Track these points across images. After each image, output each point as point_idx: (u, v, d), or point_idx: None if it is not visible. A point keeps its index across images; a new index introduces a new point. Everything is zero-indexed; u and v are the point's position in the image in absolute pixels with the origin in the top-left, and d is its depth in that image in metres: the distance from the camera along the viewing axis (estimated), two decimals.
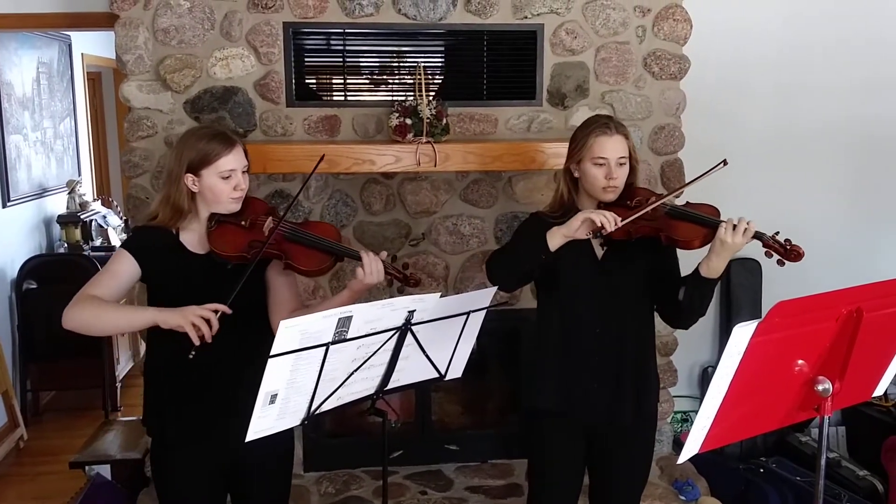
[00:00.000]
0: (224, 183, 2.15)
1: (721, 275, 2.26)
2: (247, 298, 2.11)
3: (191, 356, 1.97)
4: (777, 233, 2.21)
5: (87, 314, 2.08)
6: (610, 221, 2.19)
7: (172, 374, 2.19)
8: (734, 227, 2.17)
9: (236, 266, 2.15)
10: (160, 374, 2.25)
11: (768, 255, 2.23)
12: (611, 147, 2.33)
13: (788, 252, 2.18)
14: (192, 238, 2.22)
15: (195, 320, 1.98)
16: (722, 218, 2.26)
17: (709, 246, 2.24)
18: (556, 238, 2.27)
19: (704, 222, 2.26)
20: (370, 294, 3.42)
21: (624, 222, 2.22)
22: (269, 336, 2.26)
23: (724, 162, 2.36)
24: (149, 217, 2.25)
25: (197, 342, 1.98)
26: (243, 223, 2.20)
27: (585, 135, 2.36)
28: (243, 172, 2.19)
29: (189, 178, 2.15)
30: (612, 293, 2.38)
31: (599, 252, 2.39)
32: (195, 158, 2.13)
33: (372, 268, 2.11)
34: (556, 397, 2.43)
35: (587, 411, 2.42)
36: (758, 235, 2.19)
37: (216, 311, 2.01)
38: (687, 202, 2.44)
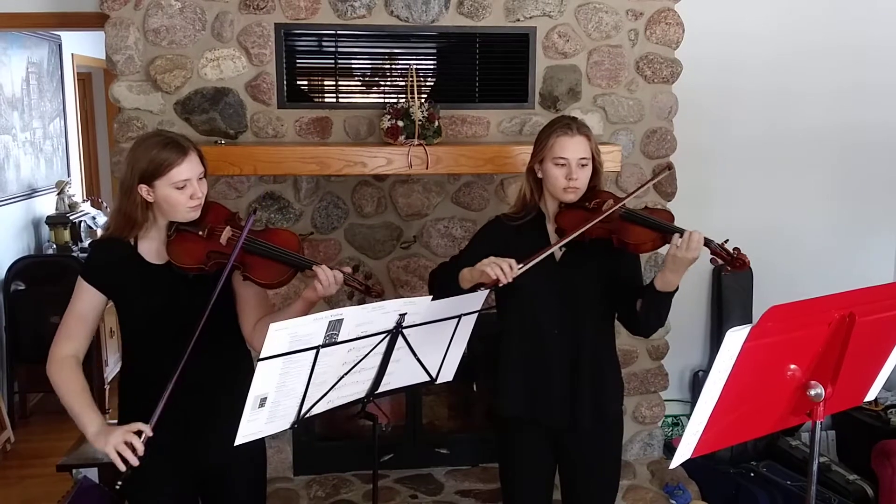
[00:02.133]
0: (179, 193, 2.07)
1: (677, 288, 2.24)
2: (214, 309, 2.06)
3: (117, 486, 1.96)
4: (726, 241, 2.20)
5: (55, 383, 2.14)
6: (506, 274, 2.16)
7: (146, 386, 2.13)
8: (689, 239, 2.13)
9: (197, 275, 2.10)
10: (134, 387, 2.22)
11: (713, 262, 2.24)
12: (571, 147, 2.32)
13: (734, 260, 2.18)
14: (151, 248, 2.16)
15: (119, 447, 1.95)
16: (681, 227, 2.25)
17: (664, 255, 2.24)
18: (466, 282, 2.28)
19: (656, 227, 2.27)
20: (328, 302, 3.39)
21: (528, 266, 2.21)
22: (239, 345, 2.27)
23: (669, 167, 2.38)
24: (104, 227, 2.22)
25: (122, 468, 1.95)
26: (201, 233, 2.13)
27: (547, 135, 2.36)
28: (199, 179, 2.11)
29: (143, 189, 2.07)
30: (570, 294, 2.37)
31: (558, 254, 2.39)
32: (147, 169, 2.05)
33: (329, 280, 2.05)
34: (519, 403, 2.42)
35: (549, 415, 2.41)
36: (706, 242, 2.17)
37: (139, 432, 1.96)
38: (645, 207, 2.44)
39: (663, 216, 2.33)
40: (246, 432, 1.83)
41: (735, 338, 1.55)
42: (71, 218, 5.44)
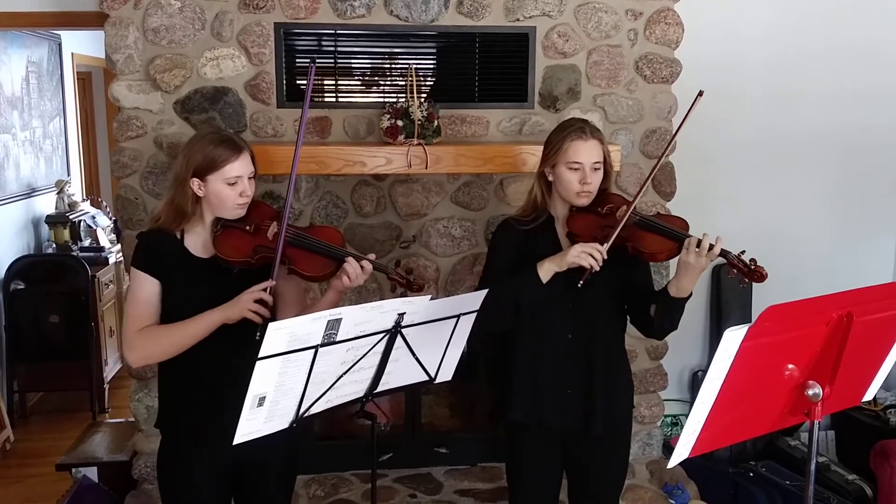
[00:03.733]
0: (230, 189, 2.15)
1: (690, 294, 2.25)
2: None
3: (258, 336, 1.96)
4: (743, 252, 2.19)
5: (152, 347, 2.16)
6: (597, 262, 2.20)
7: (187, 376, 2.20)
8: (698, 246, 2.15)
9: (241, 270, 2.16)
10: (174, 377, 2.25)
11: (731, 274, 2.21)
12: (585, 152, 2.32)
13: (752, 272, 2.16)
14: (196, 242, 2.22)
15: (251, 306, 2.05)
16: (690, 233, 2.25)
17: (676, 259, 2.24)
18: (547, 272, 2.28)
19: (672, 236, 2.26)
20: (359, 297, 3.42)
21: (606, 246, 2.24)
22: None
23: (700, 93, 2.36)
24: (153, 219, 2.26)
25: (258, 321, 2.03)
26: (248, 228, 2.20)
27: (560, 139, 2.35)
28: (250, 179, 2.19)
29: (195, 183, 2.14)
30: (583, 300, 2.37)
31: None
32: (202, 163, 2.13)
33: (357, 272, 2.14)
34: (529, 408, 2.42)
35: (559, 420, 2.41)
36: (723, 253, 2.17)
37: (265, 289, 2.06)
38: (658, 213, 2.43)
39: (678, 224, 2.32)
40: (244, 431, 1.84)
41: (733, 337, 1.55)
42: (70, 217, 5.44)
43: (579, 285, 2.24)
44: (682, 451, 1.68)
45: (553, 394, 2.40)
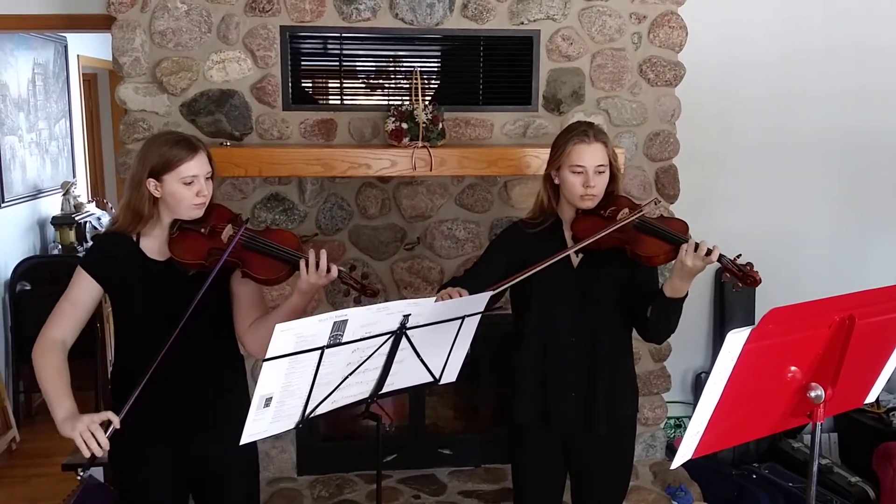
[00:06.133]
0: (186, 189, 2.13)
1: (686, 294, 2.25)
2: (211, 306, 2.12)
3: (78, 475, 2.03)
4: (739, 255, 2.20)
5: (37, 364, 2.17)
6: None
7: (137, 373, 2.13)
8: (696, 248, 2.15)
9: (196, 274, 2.15)
10: (127, 378, 2.21)
11: (724, 278, 2.22)
12: (589, 155, 2.32)
13: (745, 277, 2.15)
14: (153, 244, 2.20)
15: (84, 435, 1.99)
16: (689, 235, 2.25)
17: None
18: None
19: (669, 239, 2.25)
20: (327, 299, 3.41)
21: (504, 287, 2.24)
22: (234, 344, 2.31)
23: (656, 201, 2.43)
24: (111, 222, 2.26)
25: (87, 454, 1.99)
26: (203, 230, 2.18)
27: (564, 142, 2.36)
28: (207, 179, 2.17)
29: (151, 183, 2.13)
30: (587, 301, 2.38)
31: (575, 260, 2.40)
32: (158, 163, 2.12)
33: (312, 268, 2.08)
34: (534, 409, 2.44)
35: (563, 421, 2.42)
36: (718, 258, 2.16)
37: (107, 422, 2.01)
38: (661, 216, 2.44)
39: (677, 226, 2.31)
40: (251, 432, 1.85)
41: (736, 339, 1.56)
42: (76, 218, 5.46)
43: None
44: (685, 453, 1.69)
45: (558, 396, 2.41)
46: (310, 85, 3.48)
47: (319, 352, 1.82)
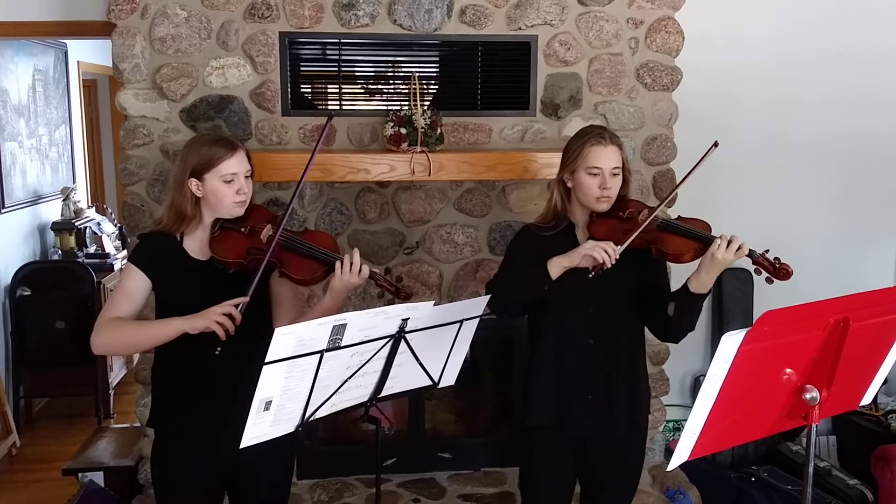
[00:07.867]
0: (227, 187, 2.19)
1: (710, 290, 2.28)
2: (251, 305, 2.14)
3: (216, 352, 2.03)
4: (767, 250, 2.23)
5: (113, 338, 2.17)
6: (610, 258, 2.21)
7: (179, 377, 2.23)
8: (728, 243, 2.18)
9: (236, 273, 2.19)
10: (167, 377, 2.29)
11: (758, 272, 2.25)
12: (605, 157, 2.35)
13: (777, 270, 2.21)
14: (195, 244, 2.26)
15: (219, 318, 2.04)
16: (714, 234, 2.28)
17: (698, 261, 2.26)
18: (556, 268, 2.29)
19: (696, 237, 2.29)
20: (363, 302, 3.44)
21: (622, 248, 2.25)
22: None
23: (716, 144, 2.40)
24: (155, 222, 2.31)
25: (224, 338, 2.04)
26: (243, 229, 2.23)
27: (580, 144, 2.38)
28: (246, 177, 2.23)
29: (193, 183, 2.19)
30: (604, 304, 2.39)
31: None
32: (198, 163, 2.18)
33: (346, 268, 2.15)
34: (549, 413, 2.44)
35: (580, 425, 2.42)
36: (749, 253, 2.21)
37: (237, 305, 2.07)
38: (679, 216, 2.46)
39: (701, 226, 2.35)
40: (251, 435, 1.86)
41: (731, 342, 1.58)
42: (76, 224, 5.47)
43: (590, 276, 2.25)
44: (681, 454, 1.70)
45: (575, 398, 2.41)
46: (309, 90, 3.49)
47: (319, 355, 1.84)
